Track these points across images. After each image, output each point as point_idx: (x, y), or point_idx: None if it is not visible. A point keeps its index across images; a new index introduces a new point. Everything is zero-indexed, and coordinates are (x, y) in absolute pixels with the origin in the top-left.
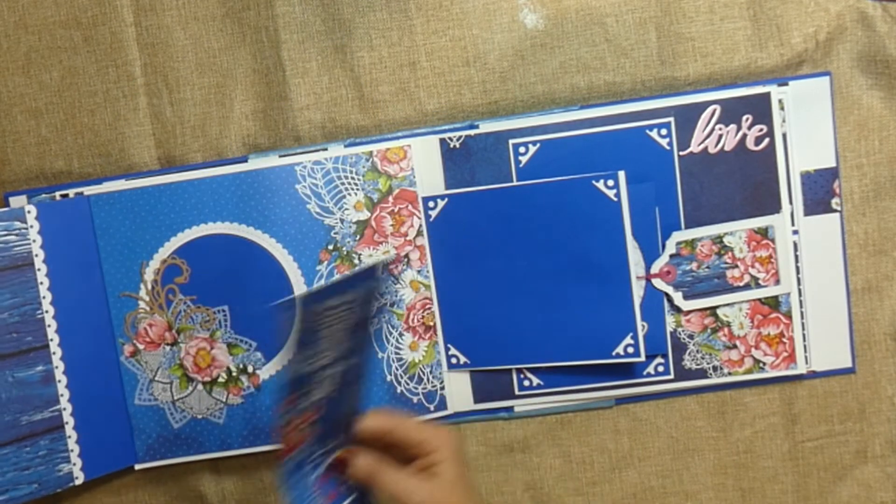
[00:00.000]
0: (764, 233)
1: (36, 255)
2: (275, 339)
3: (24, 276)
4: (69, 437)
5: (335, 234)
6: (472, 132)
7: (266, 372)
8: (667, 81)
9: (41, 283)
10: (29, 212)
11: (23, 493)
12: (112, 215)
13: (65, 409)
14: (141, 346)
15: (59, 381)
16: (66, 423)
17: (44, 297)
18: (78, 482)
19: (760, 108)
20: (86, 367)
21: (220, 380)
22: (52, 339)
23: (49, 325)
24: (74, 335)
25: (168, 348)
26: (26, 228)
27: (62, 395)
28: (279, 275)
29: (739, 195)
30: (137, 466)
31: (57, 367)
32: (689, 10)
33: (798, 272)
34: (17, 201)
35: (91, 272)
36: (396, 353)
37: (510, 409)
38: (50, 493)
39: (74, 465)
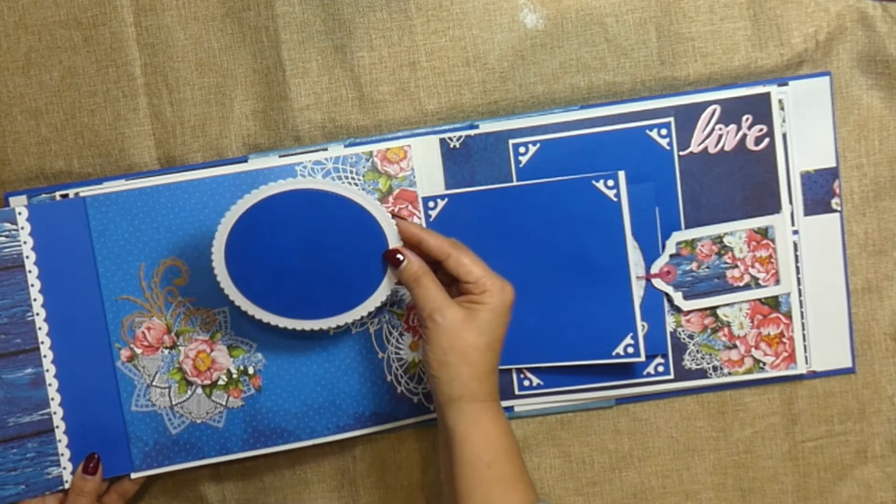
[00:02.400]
0: (764, 233)
1: (27, 257)
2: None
3: (14, 277)
4: (59, 440)
5: None
6: (472, 132)
7: (267, 374)
8: (667, 81)
9: (32, 285)
10: (20, 213)
11: (9, 494)
12: (109, 217)
13: (55, 412)
14: (138, 351)
15: (50, 385)
16: (57, 426)
17: (34, 300)
18: (68, 486)
19: (760, 108)
20: (80, 371)
21: (221, 382)
22: (42, 342)
23: (40, 328)
24: (68, 338)
25: (167, 352)
26: (17, 230)
27: (52, 399)
28: None
29: (739, 195)
30: (133, 475)
31: (48, 371)
32: (689, 10)
33: (798, 272)
34: (17, 201)
35: (86, 275)
36: (396, 353)
37: (510, 409)
38: (38, 494)
39: (64, 468)
